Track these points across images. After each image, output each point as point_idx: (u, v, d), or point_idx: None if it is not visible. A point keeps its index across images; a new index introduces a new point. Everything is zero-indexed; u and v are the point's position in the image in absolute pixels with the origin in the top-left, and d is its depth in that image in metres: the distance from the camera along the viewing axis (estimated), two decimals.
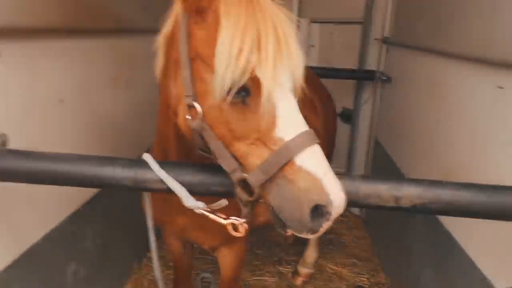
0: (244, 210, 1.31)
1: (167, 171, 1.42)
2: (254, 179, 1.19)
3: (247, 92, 1.20)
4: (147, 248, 3.62)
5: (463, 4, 2.42)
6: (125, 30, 2.78)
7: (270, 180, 1.18)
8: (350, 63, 4.86)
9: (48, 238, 2.09)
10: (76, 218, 2.35)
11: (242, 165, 1.24)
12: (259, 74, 1.17)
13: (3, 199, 1.74)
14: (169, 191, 1.42)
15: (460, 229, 2.26)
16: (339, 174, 1.26)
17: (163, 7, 1.71)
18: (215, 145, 1.26)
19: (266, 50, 1.17)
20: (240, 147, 1.23)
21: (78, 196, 2.39)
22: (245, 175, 1.22)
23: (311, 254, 3.72)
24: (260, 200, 1.27)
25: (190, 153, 1.57)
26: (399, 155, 3.59)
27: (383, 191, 1.43)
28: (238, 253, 2.21)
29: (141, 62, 3.10)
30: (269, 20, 1.20)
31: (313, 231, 1.17)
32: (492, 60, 2.02)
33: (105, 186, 1.50)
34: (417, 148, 3.13)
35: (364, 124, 4.78)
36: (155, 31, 1.49)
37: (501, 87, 1.94)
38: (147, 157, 1.46)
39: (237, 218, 1.35)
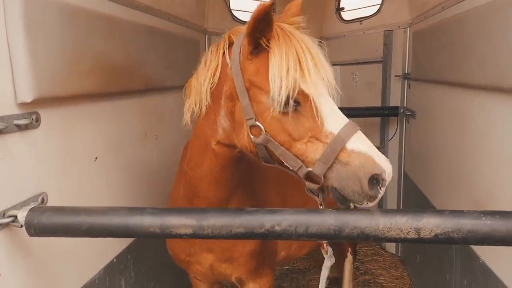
0: (317, 197, 1.57)
1: (190, 217, 1.50)
2: (318, 170, 1.48)
3: (297, 102, 1.51)
4: None
5: (476, 36, 2.47)
6: (153, 89, 2.99)
7: (329, 168, 1.46)
8: (374, 101, 4.91)
9: None
10: (110, 270, 2.43)
11: (303, 162, 1.51)
12: (303, 87, 1.50)
13: (43, 254, 1.85)
14: (194, 236, 1.49)
15: (498, 262, 2.18)
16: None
17: (185, 65, 1.87)
18: (280, 151, 1.55)
19: (307, 68, 1.50)
20: (299, 147, 1.52)
21: (111, 248, 2.48)
22: (309, 168, 1.49)
23: None
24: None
25: (226, 182, 1.93)
26: (429, 188, 3.53)
27: (402, 223, 1.44)
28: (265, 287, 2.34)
29: (168, 117, 3.29)
30: (303, 44, 1.54)
31: (373, 198, 1.45)
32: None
33: (135, 235, 1.59)
34: (446, 180, 3.07)
35: (392, 159, 4.73)
36: (179, 87, 1.63)
37: None
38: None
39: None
